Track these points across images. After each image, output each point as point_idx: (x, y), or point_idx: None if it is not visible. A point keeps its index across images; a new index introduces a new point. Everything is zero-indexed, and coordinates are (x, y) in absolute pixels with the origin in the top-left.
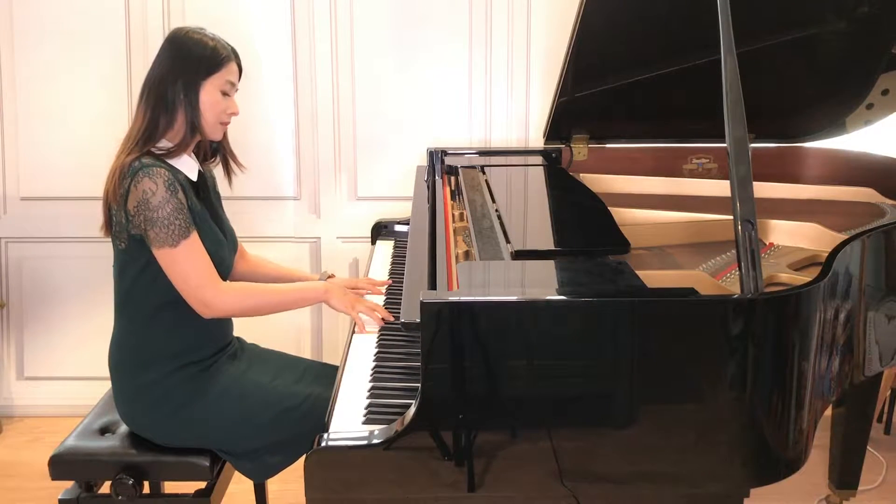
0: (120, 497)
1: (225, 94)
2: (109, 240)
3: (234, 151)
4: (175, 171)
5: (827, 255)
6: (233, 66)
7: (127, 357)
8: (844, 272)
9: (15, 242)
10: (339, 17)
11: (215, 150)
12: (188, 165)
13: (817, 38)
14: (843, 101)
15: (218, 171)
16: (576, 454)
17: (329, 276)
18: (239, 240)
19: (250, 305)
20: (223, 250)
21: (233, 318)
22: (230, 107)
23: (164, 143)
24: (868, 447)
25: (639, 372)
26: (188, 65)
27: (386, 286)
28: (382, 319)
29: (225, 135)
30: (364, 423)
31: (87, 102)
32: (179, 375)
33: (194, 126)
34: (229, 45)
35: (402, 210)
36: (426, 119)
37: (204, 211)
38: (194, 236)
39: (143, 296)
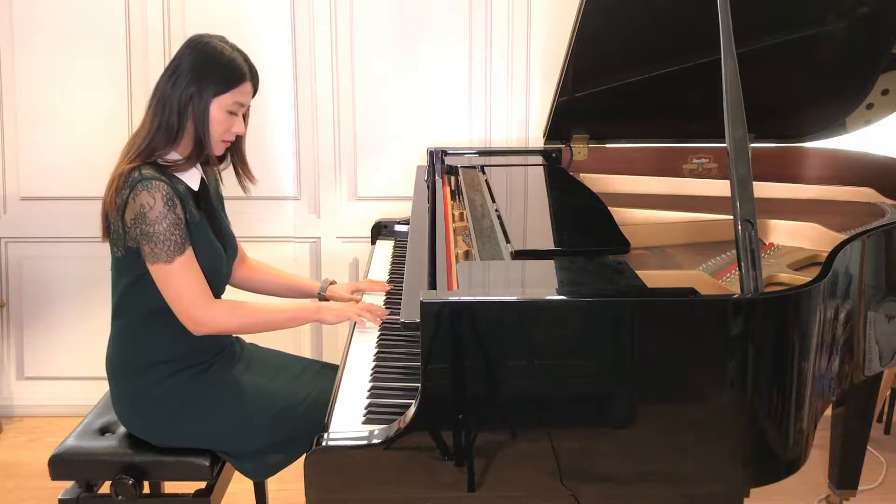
0: (120, 497)
1: (232, 113)
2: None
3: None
4: (175, 182)
5: (827, 255)
6: (246, 87)
7: (124, 360)
8: (844, 272)
9: (15, 242)
10: (339, 17)
11: (223, 157)
12: (190, 175)
13: (817, 38)
14: (843, 101)
15: (229, 175)
16: (576, 454)
17: (331, 283)
18: (239, 242)
19: (241, 325)
20: (222, 264)
21: None
22: (234, 126)
23: (174, 156)
24: (868, 447)
25: (639, 372)
26: (201, 77)
27: (386, 289)
28: (380, 317)
29: (241, 146)
30: (364, 422)
31: (87, 102)
32: (177, 378)
33: (202, 143)
34: (247, 63)
35: (402, 210)
36: (426, 119)
37: (204, 222)
38: (189, 253)
39: (139, 301)
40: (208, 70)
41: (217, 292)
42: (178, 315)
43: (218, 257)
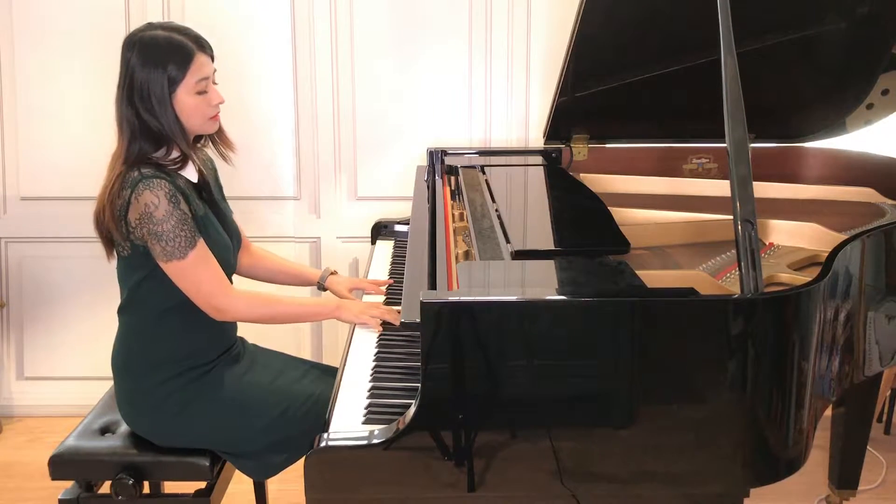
0: (120, 497)
1: (201, 92)
2: None
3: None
4: (174, 178)
5: (827, 255)
6: (200, 60)
7: (131, 359)
8: (844, 272)
9: (15, 242)
10: (339, 17)
11: (200, 136)
12: (187, 168)
13: (818, 37)
14: (843, 101)
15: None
16: (576, 454)
17: (332, 273)
18: (242, 230)
19: (260, 315)
20: (229, 254)
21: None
22: (212, 100)
23: (174, 154)
24: (868, 447)
25: (638, 372)
26: (152, 74)
27: (386, 286)
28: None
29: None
30: (364, 422)
31: (86, 102)
32: (182, 378)
33: (186, 141)
34: (187, 36)
35: (402, 210)
36: (426, 119)
37: (207, 213)
38: (202, 244)
39: (147, 300)
40: (156, 63)
41: None
42: (200, 305)
43: (226, 249)
